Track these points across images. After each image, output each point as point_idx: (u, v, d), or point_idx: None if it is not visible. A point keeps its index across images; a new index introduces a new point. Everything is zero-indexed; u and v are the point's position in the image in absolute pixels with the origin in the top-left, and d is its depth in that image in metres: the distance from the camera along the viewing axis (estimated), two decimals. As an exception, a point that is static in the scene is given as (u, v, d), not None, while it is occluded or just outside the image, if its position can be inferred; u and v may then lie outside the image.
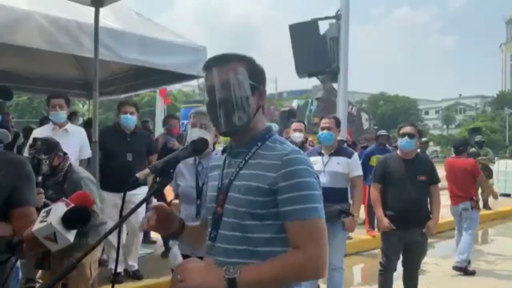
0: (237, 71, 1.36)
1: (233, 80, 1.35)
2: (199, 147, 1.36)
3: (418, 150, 8.57)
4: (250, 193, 1.32)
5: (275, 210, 1.30)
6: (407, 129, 3.85)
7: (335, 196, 3.77)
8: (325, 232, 1.30)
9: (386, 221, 3.83)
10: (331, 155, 3.94)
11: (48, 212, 1.39)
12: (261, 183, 1.30)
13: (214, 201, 1.41)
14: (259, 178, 1.31)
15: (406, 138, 3.81)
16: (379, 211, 3.93)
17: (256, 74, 1.40)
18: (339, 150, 4.00)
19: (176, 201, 2.89)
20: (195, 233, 1.55)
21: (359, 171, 3.99)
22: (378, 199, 3.94)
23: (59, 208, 1.39)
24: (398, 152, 3.98)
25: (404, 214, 3.75)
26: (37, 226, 1.39)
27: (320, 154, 3.96)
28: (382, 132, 7.71)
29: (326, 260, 1.29)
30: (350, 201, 4.01)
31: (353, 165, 3.95)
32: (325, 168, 3.86)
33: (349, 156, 3.96)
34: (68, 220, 1.37)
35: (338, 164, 3.89)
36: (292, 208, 1.27)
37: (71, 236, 1.38)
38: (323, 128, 3.97)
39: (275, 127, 14.65)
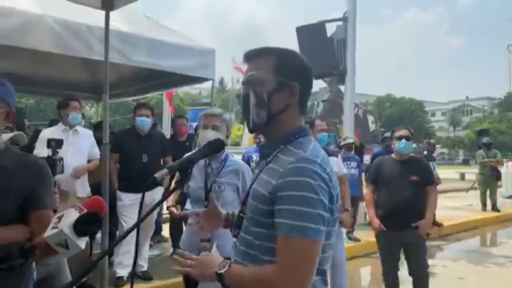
0: (260, 66, 1.31)
1: (253, 76, 1.31)
2: (216, 148, 1.37)
3: (425, 152, 8.61)
4: (257, 199, 1.27)
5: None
6: (404, 132, 3.93)
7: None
8: (309, 255, 1.17)
9: (376, 221, 3.90)
10: None
11: (60, 218, 1.37)
12: (265, 191, 1.25)
13: (242, 199, 1.42)
14: (267, 185, 1.25)
15: (404, 140, 3.85)
16: (371, 212, 4.01)
17: (288, 70, 1.31)
18: (326, 151, 4.07)
19: (173, 209, 2.90)
20: None
21: (344, 169, 4.26)
22: (371, 199, 4.02)
23: (71, 214, 1.37)
24: (393, 155, 4.02)
25: (396, 214, 3.77)
26: (48, 232, 1.37)
27: None
28: (389, 134, 7.69)
29: (301, 285, 1.18)
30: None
31: (340, 164, 4.18)
32: None
33: (336, 155, 4.19)
34: (80, 226, 1.34)
35: (332, 163, 3.96)
36: (280, 221, 1.18)
37: (82, 243, 1.36)
38: (321, 130, 4.10)
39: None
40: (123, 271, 4.33)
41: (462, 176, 21.54)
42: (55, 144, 2.75)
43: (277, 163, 1.28)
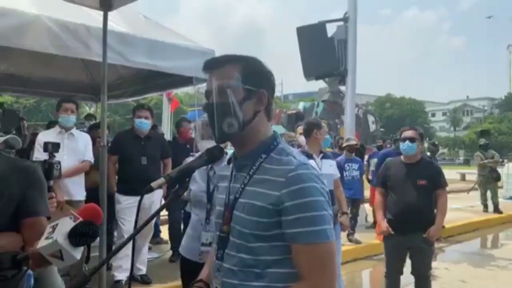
0: (226, 75, 1.27)
1: (220, 85, 1.26)
2: (215, 155, 1.32)
3: (428, 154, 8.56)
4: (254, 213, 1.22)
5: (281, 231, 1.20)
6: (408, 133, 3.84)
7: (332, 198, 3.84)
8: (334, 256, 1.21)
9: (384, 225, 3.83)
10: (321, 158, 4.03)
11: (54, 228, 1.31)
12: (264, 203, 1.21)
13: (221, 218, 1.34)
14: (263, 197, 1.22)
15: (407, 142, 3.78)
16: (379, 215, 3.95)
17: (254, 77, 1.29)
18: (324, 153, 4.15)
19: None
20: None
21: (338, 173, 4.31)
22: (380, 203, 3.95)
23: (66, 223, 1.30)
24: (402, 157, 3.94)
25: (403, 218, 3.72)
26: (42, 243, 1.30)
27: (311, 157, 3.90)
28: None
29: (335, 287, 1.20)
30: None
31: (335, 167, 4.21)
32: (320, 171, 3.85)
33: (333, 159, 4.21)
34: (75, 237, 1.28)
35: (331, 166, 4.04)
36: (298, 231, 1.17)
37: (77, 253, 1.30)
38: (327, 132, 4.22)
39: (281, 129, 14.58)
40: (121, 275, 4.28)
41: (463, 177, 21.50)
42: (52, 147, 2.70)
43: (268, 173, 1.25)
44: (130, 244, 1.26)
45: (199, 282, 1.44)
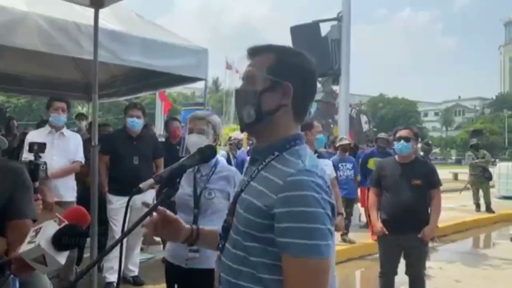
0: (255, 63, 1.25)
1: (246, 72, 1.26)
2: (207, 155, 1.28)
3: (422, 153, 8.58)
4: (250, 211, 1.16)
5: (273, 236, 1.12)
6: (403, 132, 3.84)
7: None
8: (325, 274, 1.10)
9: (379, 225, 3.83)
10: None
11: (37, 232, 1.25)
12: (261, 203, 1.14)
13: (228, 208, 1.30)
14: (262, 196, 1.15)
15: (402, 141, 3.78)
16: (373, 215, 3.94)
17: (283, 69, 1.21)
18: (318, 153, 4.17)
19: None
20: (215, 236, 1.40)
21: (334, 172, 4.34)
22: (375, 203, 3.94)
23: (49, 227, 1.25)
24: (396, 156, 3.94)
25: (398, 218, 3.71)
26: (24, 247, 1.25)
27: None
28: (382, 135, 7.64)
29: None
30: None
31: (331, 167, 4.23)
32: None
33: (328, 158, 4.27)
34: (59, 241, 1.23)
35: (326, 166, 3.99)
36: (287, 241, 1.08)
37: (62, 258, 1.25)
38: (319, 132, 4.12)
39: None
40: (112, 277, 4.21)
41: (455, 176, 21.64)
42: (37, 148, 2.63)
43: (272, 172, 1.18)
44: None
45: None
